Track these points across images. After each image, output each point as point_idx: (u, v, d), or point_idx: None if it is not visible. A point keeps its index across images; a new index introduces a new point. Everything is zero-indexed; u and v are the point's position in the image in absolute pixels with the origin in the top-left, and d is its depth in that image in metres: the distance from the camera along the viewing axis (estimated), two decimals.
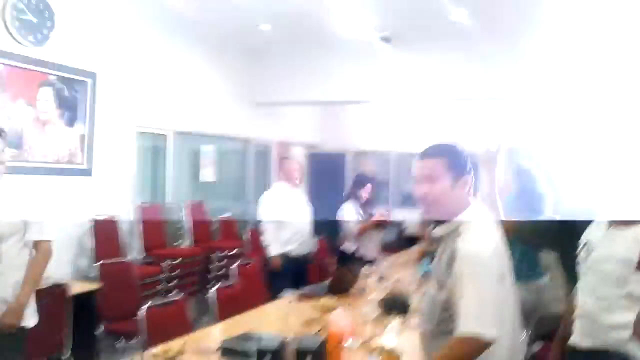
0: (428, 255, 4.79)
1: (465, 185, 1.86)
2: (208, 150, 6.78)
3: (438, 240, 1.90)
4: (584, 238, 2.20)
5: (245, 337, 2.40)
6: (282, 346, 1.72)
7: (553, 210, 3.21)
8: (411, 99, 7.40)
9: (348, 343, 2.54)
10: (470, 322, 1.67)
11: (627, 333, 1.95)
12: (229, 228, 6.70)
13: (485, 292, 1.69)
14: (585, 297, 2.13)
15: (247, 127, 7.48)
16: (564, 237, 2.53)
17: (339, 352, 2.37)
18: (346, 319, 2.67)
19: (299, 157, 8.22)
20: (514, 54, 6.06)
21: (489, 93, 6.41)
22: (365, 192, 5.08)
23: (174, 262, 5.32)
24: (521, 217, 2.82)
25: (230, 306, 3.33)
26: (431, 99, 7.20)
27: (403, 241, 8.30)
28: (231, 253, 5.97)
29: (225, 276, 5.61)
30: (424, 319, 1.97)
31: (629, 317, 1.93)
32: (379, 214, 5.10)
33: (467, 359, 1.72)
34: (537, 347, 3.19)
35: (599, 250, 2.08)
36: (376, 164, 9.72)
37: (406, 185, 9.44)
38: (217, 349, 2.37)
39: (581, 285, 2.19)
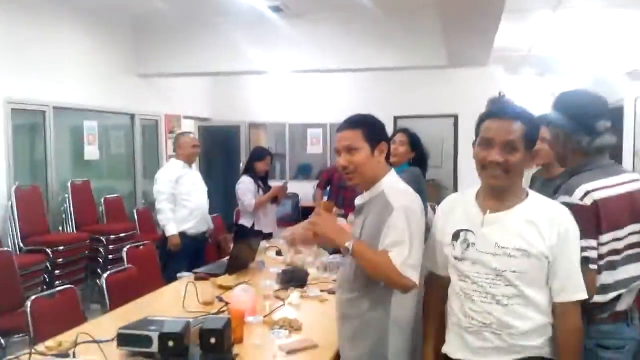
0: None
1: (382, 153, 2.00)
2: (91, 126, 6.35)
3: (361, 209, 2.04)
4: None
5: (144, 322, 2.32)
6: (186, 328, 1.69)
7: None
8: (304, 70, 7.40)
9: (250, 319, 2.56)
10: (403, 266, 1.82)
11: None
12: (117, 209, 6.37)
13: (415, 243, 1.85)
14: None
15: (133, 100, 7.11)
16: None
17: (242, 329, 2.38)
18: (247, 295, 2.68)
19: (194, 133, 7.97)
20: (407, 26, 6.23)
21: (380, 63, 6.56)
22: (262, 166, 5.04)
23: (58, 249, 4.97)
24: None
25: (124, 292, 3.21)
26: (324, 69, 7.25)
27: (298, 213, 8.44)
28: (121, 235, 5.71)
29: (116, 260, 5.40)
30: (345, 287, 2.05)
31: None
32: (276, 186, 5.10)
33: (387, 281, 1.88)
34: None
35: None
36: (271, 136, 9.72)
37: (301, 157, 9.56)
38: (114, 338, 2.27)
39: None
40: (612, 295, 1.76)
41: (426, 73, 8.02)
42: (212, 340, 1.68)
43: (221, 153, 9.54)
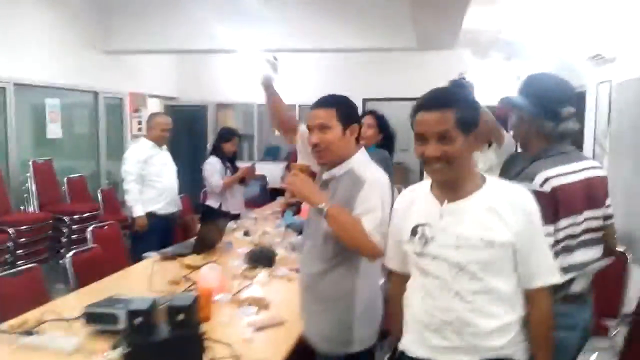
0: (290, 208, 4.94)
1: (353, 135, 2.05)
2: (54, 104, 6.19)
3: (326, 183, 2.07)
4: None
5: (111, 301, 2.32)
6: (153, 306, 1.69)
7: None
8: (274, 49, 7.33)
9: (218, 297, 2.57)
10: (374, 232, 1.88)
11: None
12: (80, 189, 6.25)
13: (385, 214, 1.91)
14: None
15: (97, 78, 6.94)
16: None
17: (210, 307, 2.39)
18: (215, 274, 2.69)
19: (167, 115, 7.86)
20: (378, 8, 6.22)
21: (350, 45, 6.56)
22: (230, 147, 5.02)
23: (20, 229, 4.87)
24: None
25: (89, 272, 3.16)
26: (294, 49, 7.20)
27: (266, 195, 8.43)
28: (84, 216, 5.62)
29: (80, 241, 5.31)
30: (314, 260, 2.07)
31: None
32: (244, 168, 5.08)
33: (355, 244, 1.92)
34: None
35: None
36: (239, 117, 9.65)
37: (269, 138, 9.53)
38: (80, 316, 2.26)
39: None
40: (566, 277, 1.79)
41: (395, 56, 8.06)
42: (180, 317, 1.68)
43: (188, 133, 9.41)
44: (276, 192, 8.08)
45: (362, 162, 2.04)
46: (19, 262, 4.71)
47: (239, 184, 5.11)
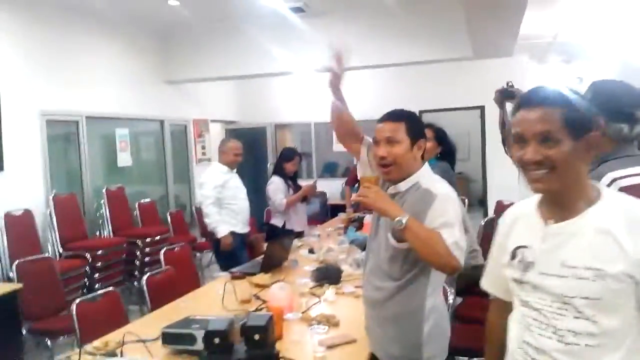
0: (353, 223, 4.96)
1: (420, 150, 2.05)
2: (123, 134, 6.51)
3: (391, 198, 2.02)
4: None
5: (187, 321, 2.39)
6: (230, 326, 1.74)
7: None
8: (329, 69, 7.43)
9: (289, 316, 2.61)
10: (454, 246, 1.84)
11: None
12: (150, 213, 6.53)
13: (461, 229, 1.89)
14: None
15: (162, 107, 7.27)
16: None
17: (281, 325, 2.43)
18: (284, 293, 2.73)
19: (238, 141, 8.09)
20: (431, 19, 6.21)
21: (405, 58, 6.55)
22: (291, 166, 5.11)
23: (96, 253, 5.12)
24: None
25: (163, 293, 3.29)
26: (347, 67, 7.25)
27: (326, 211, 8.48)
28: (156, 239, 5.84)
29: (152, 263, 5.53)
30: (380, 279, 2.04)
31: None
32: (306, 186, 5.16)
33: (436, 259, 1.86)
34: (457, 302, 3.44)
35: None
36: (297, 136, 9.79)
37: (327, 155, 9.61)
38: (158, 337, 2.35)
39: None
40: None
41: (450, 65, 7.95)
42: (257, 337, 1.72)
43: (249, 154, 9.57)
44: (336, 208, 8.12)
45: (429, 177, 2.04)
46: (96, 286, 4.96)
47: (302, 202, 5.18)
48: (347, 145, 2.37)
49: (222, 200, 4.62)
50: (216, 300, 3.00)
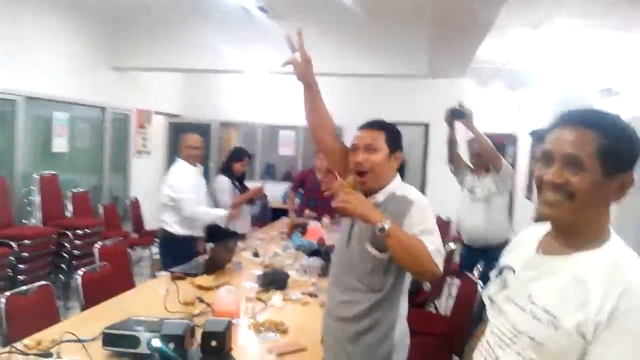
0: (297, 228, 4.93)
1: (396, 161, 2.03)
2: (61, 118, 6.16)
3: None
4: None
5: (129, 322, 2.27)
6: (187, 330, 1.66)
7: None
8: (282, 72, 7.36)
9: (236, 321, 2.53)
10: (435, 253, 1.81)
11: None
12: (83, 204, 6.18)
13: (439, 234, 1.88)
14: None
15: (105, 93, 6.94)
16: None
17: (230, 331, 2.35)
18: (232, 297, 2.65)
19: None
20: (392, 34, 6.26)
21: (362, 70, 6.58)
22: (240, 166, 5.01)
23: (23, 243, 4.77)
24: None
25: (98, 290, 3.12)
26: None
27: (267, 214, 8.39)
28: (87, 232, 5.54)
29: (82, 257, 5.26)
30: (354, 293, 1.98)
31: None
32: (254, 188, 5.07)
33: (418, 266, 1.82)
34: None
35: None
36: (242, 136, 9.65)
37: (271, 158, 9.53)
38: (96, 337, 2.22)
39: None
40: None
41: (400, 80, 8.11)
42: (214, 343, 1.65)
43: None
44: (277, 212, 8.05)
45: (402, 186, 2.03)
46: (20, 278, 4.65)
47: (246, 204, 5.09)
48: (322, 141, 2.19)
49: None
50: (156, 300, 2.87)
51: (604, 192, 1.14)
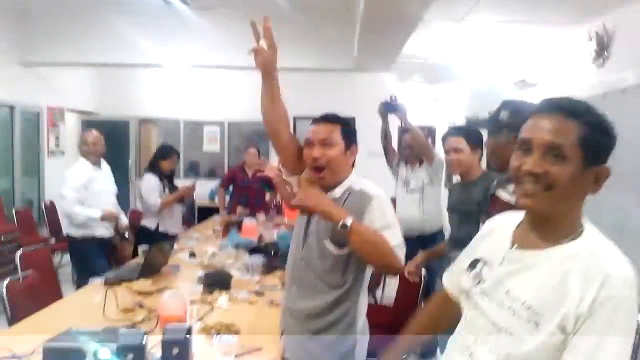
0: (232, 226, 4.83)
1: (352, 156, 1.99)
2: None
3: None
4: None
5: (70, 334, 2.10)
6: (146, 340, 1.56)
7: None
8: (204, 65, 7.18)
9: (171, 325, 2.42)
10: (397, 248, 1.81)
11: None
12: None
13: (399, 228, 1.85)
14: None
15: (12, 91, 6.45)
16: None
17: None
18: (177, 301, 2.54)
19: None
20: (318, 28, 6.22)
21: (288, 64, 6.50)
22: (168, 164, 4.82)
23: None
24: None
25: (24, 301, 2.90)
26: (226, 66, 7.08)
27: (194, 213, 8.17)
28: (2, 239, 5.14)
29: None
30: (315, 290, 1.96)
31: None
32: (184, 187, 4.90)
33: (381, 261, 1.81)
34: None
35: None
36: (164, 133, 9.31)
37: (196, 155, 9.27)
38: (33, 352, 2.05)
39: None
40: None
41: (322, 75, 8.14)
42: (175, 351, 1.57)
43: (108, 149, 8.92)
44: (204, 210, 7.86)
45: (359, 180, 2.00)
46: None
47: (177, 203, 4.91)
48: (277, 135, 2.07)
49: (84, 201, 4.23)
50: (92, 309, 2.70)
51: (582, 183, 1.13)
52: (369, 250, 1.79)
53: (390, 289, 4.00)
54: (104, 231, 4.34)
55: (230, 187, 5.97)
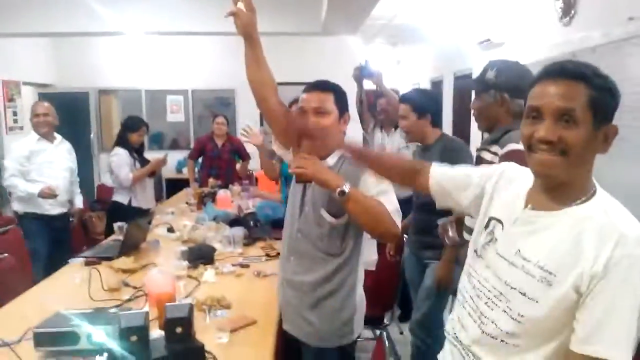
0: (206, 198, 4.78)
1: (345, 124, 1.97)
2: None
3: None
4: None
5: (60, 318, 2.06)
6: (147, 320, 1.54)
7: None
8: (164, 32, 6.94)
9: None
10: (395, 213, 1.82)
11: None
12: None
13: (394, 193, 1.87)
14: None
15: None
16: None
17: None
18: (165, 278, 2.51)
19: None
20: None
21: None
22: (137, 137, 4.68)
23: None
24: None
25: (4, 285, 2.82)
26: (187, 32, 6.87)
27: (161, 186, 8.02)
28: None
29: None
30: (314, 261, 1.95)
31: None
32: (155, 159, 4.78)
33: (379, 227, 1.79)
34: None
35: None
36: (125, 103, 9.03)
37: (159, 126, 9.04)
38: (21, 338, 2.01)
39: None
40: None
41: (288, 39, 7.99)
42: (179, 329, 1.55)
43: (68, 123, 8.61)
44: (173, 183, 7.74)
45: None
46: None
47: (149, 177, 4.81)
48: (265, 100, 2.00)
49: (25, 174, 4.07)
50: (76, 290, 2.65)
51: (593, 144, 1.14)
52: (367, 217, 1.78)
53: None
54: (48, 207, 4.12)
55: (200, 159, 5.87)
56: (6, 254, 3.10)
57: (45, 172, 4.13)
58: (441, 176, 1.50)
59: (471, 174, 1.44)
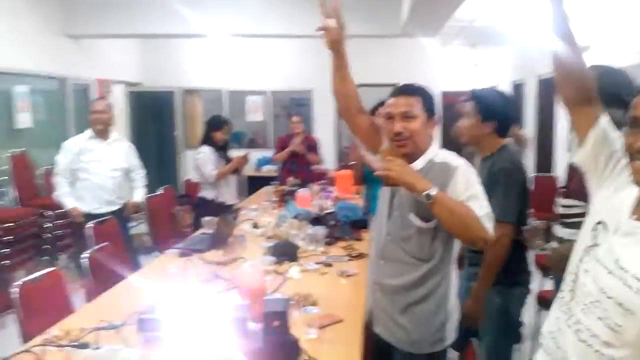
0: (286, 196, 4.89)
1: (433, 127, 1.97)
2: (22, 92, 5.80)
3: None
4: None
5: (162, 305, 2.21)
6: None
7: None
8: (247, 34, 7.17)
9: (270, 297, 2.49)
10: (485, 218, 1.79)
11: None
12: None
13: (486, 198, 1.85)
14: None
15: (63, 64, 6.58)
16: None
17: (263, 308, 2.31)
18: (257, 272, 2.60)
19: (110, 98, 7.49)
20: None
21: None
22: (220, 135, 4.87)
23: (3, 226, 4.53)
24: None
25: (104, 273, 3.03)
26: (268, 34, 7.06)
27: (245, 184, 8.27)
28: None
29: (64, 238, 5.05)
30: (404, 265, 1.96)
31: None
32: (238, 157, 4.96)
33: (467, 232, 1.78)
34: None
35: None
36: (207, 103, 9.40)
37: (239, 125, 9.33)
38: (124, 322, 2.16)
39: None
40: None
41: (366, 41, 8.03)
42: (276, 323, 1.63)
43: (154, 120, 9.11)
44: (253, 180, 7.96)
45: (441, 152, 1.98)
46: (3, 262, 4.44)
47: (233, 174, 5.00)
48: (347, 111, 2.12)
49: (74, 171, 4.16)
50: (171, 279, 2.80)
51: None
52: (455, 222, 1.77)
53: None
54: (97, 206, 4.19)
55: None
56: (107, 243, 3.32)
57: (93, 170, 4.17)
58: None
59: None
